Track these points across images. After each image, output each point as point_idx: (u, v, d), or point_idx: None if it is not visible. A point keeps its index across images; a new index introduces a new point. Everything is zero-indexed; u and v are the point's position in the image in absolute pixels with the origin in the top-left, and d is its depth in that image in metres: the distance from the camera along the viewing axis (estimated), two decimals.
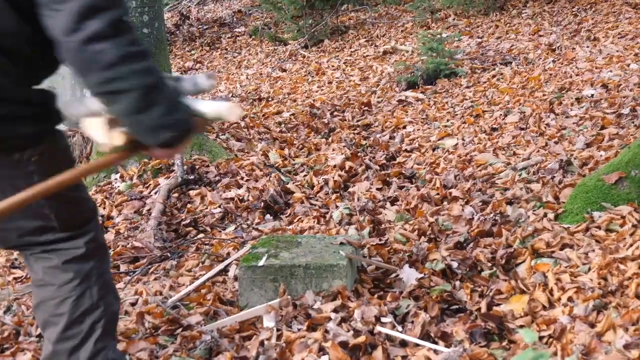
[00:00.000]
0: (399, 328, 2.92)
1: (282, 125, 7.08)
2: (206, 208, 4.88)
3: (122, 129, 2.17)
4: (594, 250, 3.24)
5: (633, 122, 5.15)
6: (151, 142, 2.15)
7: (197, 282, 3.62)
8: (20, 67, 2.15)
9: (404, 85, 8.12)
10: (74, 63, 2.03)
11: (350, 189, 5.00)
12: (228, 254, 4.07)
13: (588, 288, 2.96)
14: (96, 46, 1.95)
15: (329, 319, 2.99)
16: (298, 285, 3.20)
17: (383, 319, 2.99)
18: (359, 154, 5.68)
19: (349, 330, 2.89)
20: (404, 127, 6.56)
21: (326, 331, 2.91)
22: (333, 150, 6.00)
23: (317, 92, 8.83)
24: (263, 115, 7.55)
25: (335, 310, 3.06)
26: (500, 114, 6.15)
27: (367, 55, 10.35)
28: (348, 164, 5.41)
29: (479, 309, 3.04)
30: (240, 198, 4.93)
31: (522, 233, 3.56)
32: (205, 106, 2.26)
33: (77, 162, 5.45)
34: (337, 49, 11.19)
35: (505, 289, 3.16)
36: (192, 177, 5.27)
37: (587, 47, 7.95)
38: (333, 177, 5.16)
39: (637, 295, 2.86)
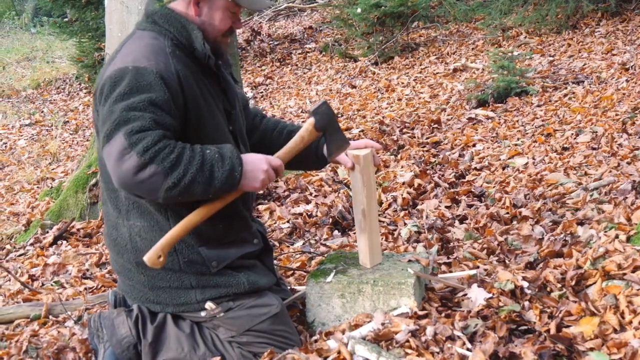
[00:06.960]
0: (469, 346, 2.91)
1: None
2: (275, 223, 4.94)
3: None
4: None
5: None
6: (237, 188, 2.75)
7: None
8: None
9: (474, 103, 8.07)
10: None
11: (419, 207, 4.99)
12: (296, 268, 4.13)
13: None
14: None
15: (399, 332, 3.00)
16: (365, 302, 3.21)
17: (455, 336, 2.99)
18: (428, 172, 5.67)
19: (417, 346, 2.90)
20: (474, 145, 6.53)
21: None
22: (402, 167, 6.00)
23: (386, 109, 8.84)
24: None
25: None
26: (572, 134, 6.08)
27: (437, 73, 10.32)
28: (417, 181, 5.41)
29: (548, 330, 3.01)
30: (309, 214, 4.97)
31: (593, 254, 3.51)
32: None
33: None
34: (407, 66, 11.19)
35: (575, 311, 3.12)
36: (261, 192, 5.32)
37: None
38: (402, 194, 5.17)
39: None
